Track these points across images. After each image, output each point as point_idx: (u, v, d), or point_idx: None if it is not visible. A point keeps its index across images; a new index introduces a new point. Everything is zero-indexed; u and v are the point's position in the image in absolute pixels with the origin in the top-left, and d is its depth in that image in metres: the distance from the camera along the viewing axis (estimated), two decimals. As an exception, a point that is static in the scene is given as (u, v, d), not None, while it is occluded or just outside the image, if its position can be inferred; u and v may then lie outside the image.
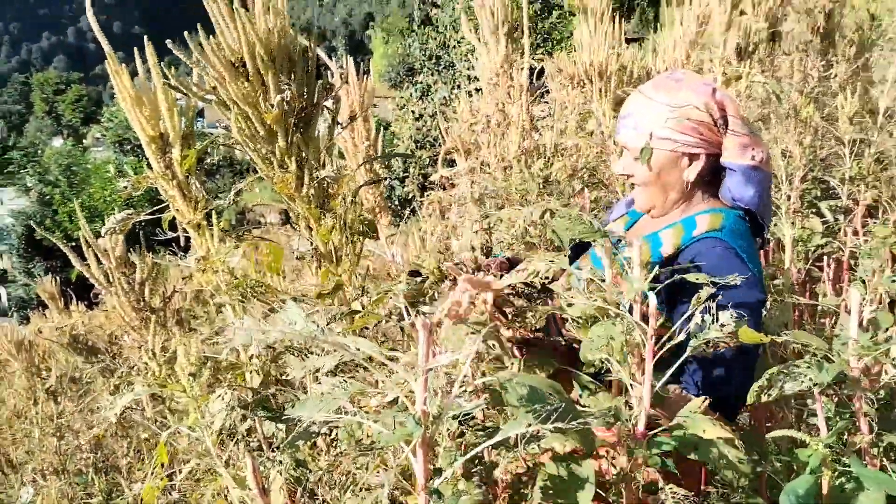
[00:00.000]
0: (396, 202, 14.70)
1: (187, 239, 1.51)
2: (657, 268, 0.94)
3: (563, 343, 1.28)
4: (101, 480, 2.75)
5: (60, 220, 22.64)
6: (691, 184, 1.39)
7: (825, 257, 2.73)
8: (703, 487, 1.16)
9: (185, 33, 1.41)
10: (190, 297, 3.00)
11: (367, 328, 1.37)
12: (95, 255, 1.46)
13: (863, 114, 2.47)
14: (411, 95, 16.18)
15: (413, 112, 15.79)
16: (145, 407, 1.92)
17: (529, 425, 0.73)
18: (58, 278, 4.53)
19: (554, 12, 14.88)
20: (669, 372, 0.89)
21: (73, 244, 1.72)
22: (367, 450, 0.89)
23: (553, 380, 0.97)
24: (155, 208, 1.43)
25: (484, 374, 1.03)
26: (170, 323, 1.52)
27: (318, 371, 0.92)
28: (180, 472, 1.29)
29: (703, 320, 0.91)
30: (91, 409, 2.76)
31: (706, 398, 0.92)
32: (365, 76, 2.49)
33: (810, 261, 2.67)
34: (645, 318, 0.86)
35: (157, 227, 1.50)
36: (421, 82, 16.09)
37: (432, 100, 15.16)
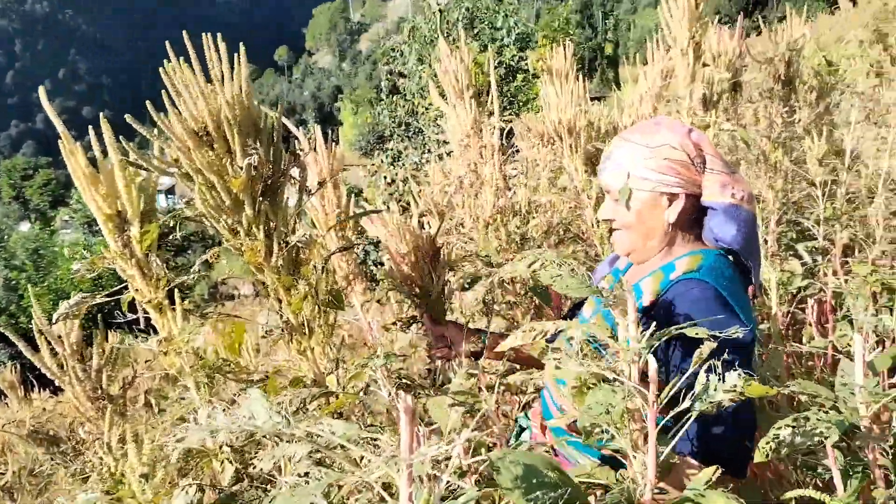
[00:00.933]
0: (371, 267, 14.58)
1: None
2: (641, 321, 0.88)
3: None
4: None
5: (26, 305, 22.11)
6: (673, 226, 1.35)
7: (808, 299, 2.71)
8: None
9: (148, 103, 1.36)
10: (159, 378, 2.84)
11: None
12: (48, 343, 1.36)
13: (830, 155, 2.50)
14: (382, 162, 16.33)
15: (385, 178, 15.91)
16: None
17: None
18: (22, 364, 4.32)
19: (518, 76, 15.33)
20: (675, 440, 0.82)
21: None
22: (349, 547, 0.79)
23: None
24: (114, 289, 1.35)
25: (473, 446, 0.95)
26: (132, 409, 1.40)
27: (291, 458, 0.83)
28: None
29: (707, 378, 0.85)
30: (51, 504, 2.56)
31: (718, 467, 0.85)
32: (334, 144, 2.46)
33: (793, 303, 2.63)
34: (645, 380, 0.79)
35: (120, 308, 1.41)
36: (391, 149, 16.28)
37: (403, 165, 15.32)
